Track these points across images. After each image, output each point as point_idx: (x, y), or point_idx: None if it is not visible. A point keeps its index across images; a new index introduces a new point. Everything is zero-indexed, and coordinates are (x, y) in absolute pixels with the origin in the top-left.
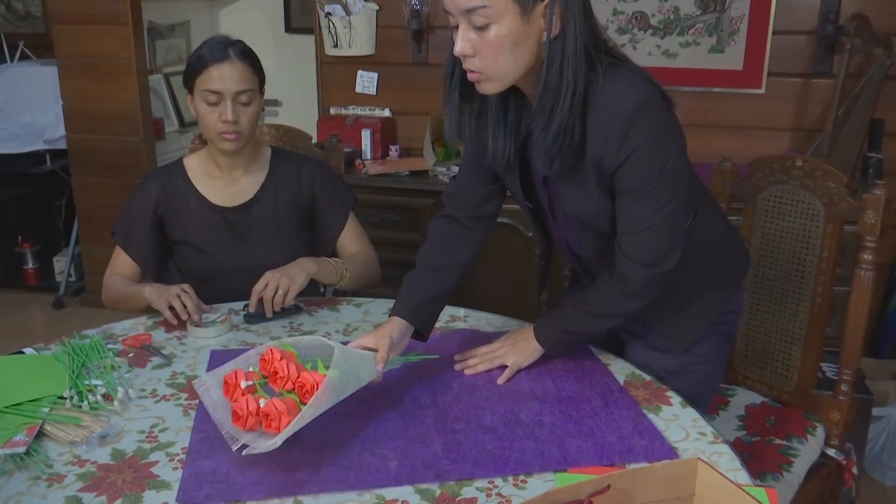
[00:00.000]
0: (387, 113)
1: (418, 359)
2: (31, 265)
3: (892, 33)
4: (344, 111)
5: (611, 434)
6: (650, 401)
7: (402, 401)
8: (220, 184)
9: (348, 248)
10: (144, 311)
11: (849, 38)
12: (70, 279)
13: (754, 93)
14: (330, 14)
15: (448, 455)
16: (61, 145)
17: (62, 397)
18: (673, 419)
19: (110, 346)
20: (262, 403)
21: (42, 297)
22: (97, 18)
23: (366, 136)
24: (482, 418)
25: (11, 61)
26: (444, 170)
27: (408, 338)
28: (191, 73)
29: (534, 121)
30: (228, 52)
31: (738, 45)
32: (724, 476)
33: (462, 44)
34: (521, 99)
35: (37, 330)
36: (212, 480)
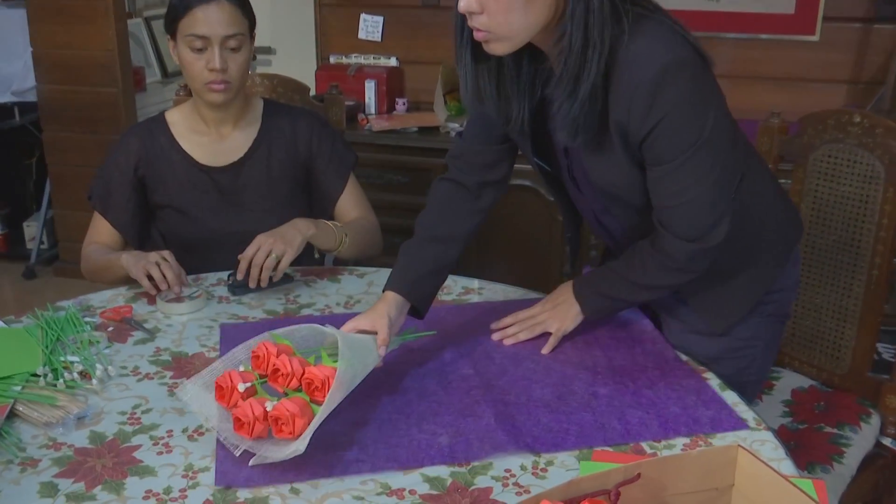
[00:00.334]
0: (393, 62)
1: (415, 337)
2: None
3: None
4: (345, 60)
5: (672, 405)
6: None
7: (442, 373)
8: (206, 141)
9: (347, 214)
10: (126, 281)
11: None
12: (42, 246)
13: (807, 40)
14: None
15: (503, 427)
16: (31, 98)
17: (35, 375)
18: None
19: (87, 319)
20: (269, 407)
21: (11, 266)
22: None
23: (369, 88)
24: (532, 391)
25: None
26: (456, 126)
27: (404, 315)
28: (173, 16)
29: (557, 88)
30: None
31: None
32: (767, 465)
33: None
34: (535, 54)
35: (6, 302)
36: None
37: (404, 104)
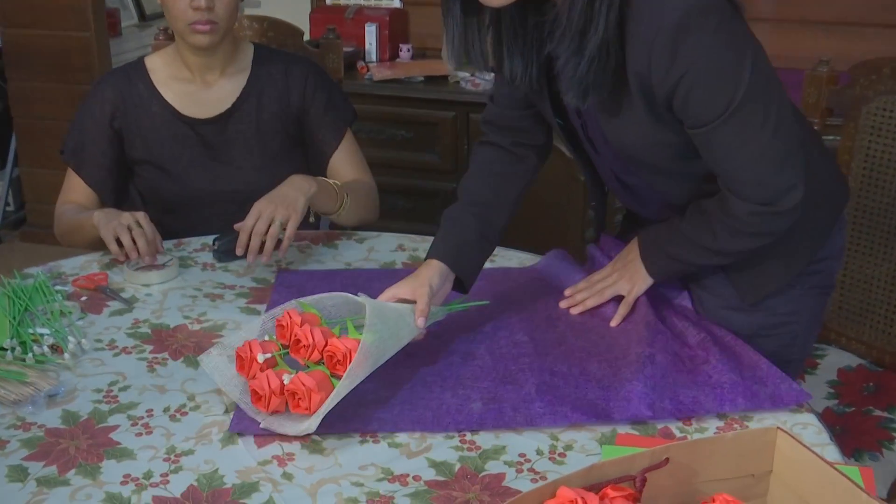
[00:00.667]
0: (396, 3)
1: (465, 307)
2: None
3: None
4: (343, 1)
5: (725, 377)
6: None
7: (494, 338)
8: (190, 89)
9: (341, 176)
10: (103, 245)
11: None
12: (8, 208)
13: None
14: None
15: (541, 398)
16: None
17: (2, 349)
18: None
19: (59, 287)
20: (287, 380)
21: None
22: None
23: (370, 33)
24: (587, 364)
25: None
26: (467, 76)
27: (449, 284)
28: None
29: (561, 43)
30: None
31: None
32: (809, 450)
33: None
34: (540, 3)
35: None
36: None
37: (409, 51)
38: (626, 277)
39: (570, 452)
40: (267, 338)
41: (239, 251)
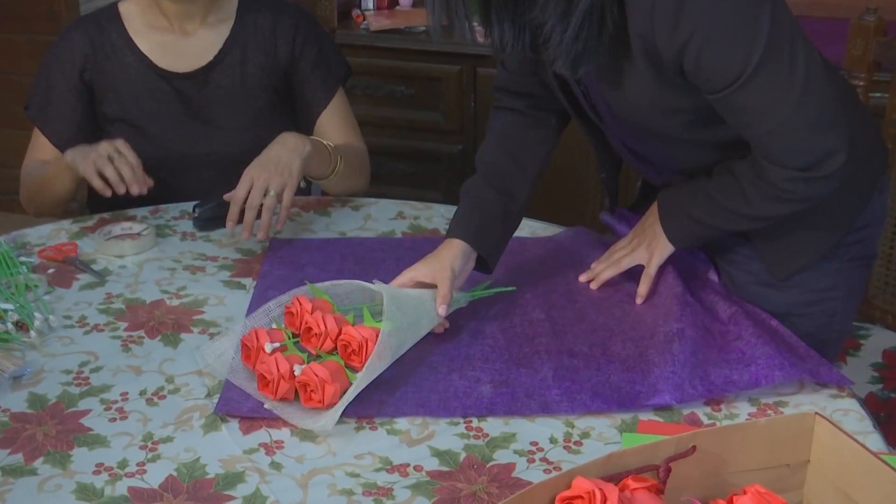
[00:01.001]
0: None
1: (490, 293)
2: None
3: None
4: None
5: (759, 351)
6: None
7: (507, 315)
8: (168, 40)
9: (332, 139)
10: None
11: None
12: None
13: None
14: None
15: (559, 383)
16: None
17: None
18: None
19: (23, 258)
20: (298, 371)
21: None
22: None
23: None
24: (610, 344)
25: None
26: (475, 25)
27: (471, 265)
28: None
29: (545, 9)
30: None
31: None
32: (851, 438)
33: None
34: None
35: None
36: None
37: None
38: (644, 244)
39: (586, 441)
40: (274, 326)
41: (229, 225)
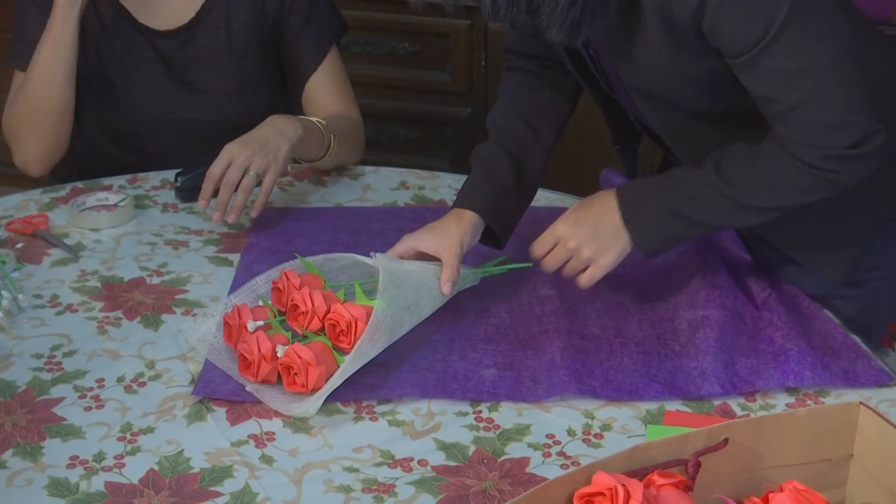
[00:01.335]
0: None
1: (503, 270)
2: None
3: None
4: None
5: (792, 343)
6: None
7: (514, 292)
8: None
9: (322, 106)
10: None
11: None
12: None
13: None
14: None
15: (567, 365)
16: None
17: None
18: None
19: None
20: (280, 352)
21: None
22: None
23: None
24: (625, 324)
25: None
26: None
27: (477, 238)
28: None
29: None
30: None
31: None
32: None
33: None
34: None
35: None
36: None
37: None
38: (593, 247)
39: (608, 433)
40: (261, 303)
41: (202, 203)
